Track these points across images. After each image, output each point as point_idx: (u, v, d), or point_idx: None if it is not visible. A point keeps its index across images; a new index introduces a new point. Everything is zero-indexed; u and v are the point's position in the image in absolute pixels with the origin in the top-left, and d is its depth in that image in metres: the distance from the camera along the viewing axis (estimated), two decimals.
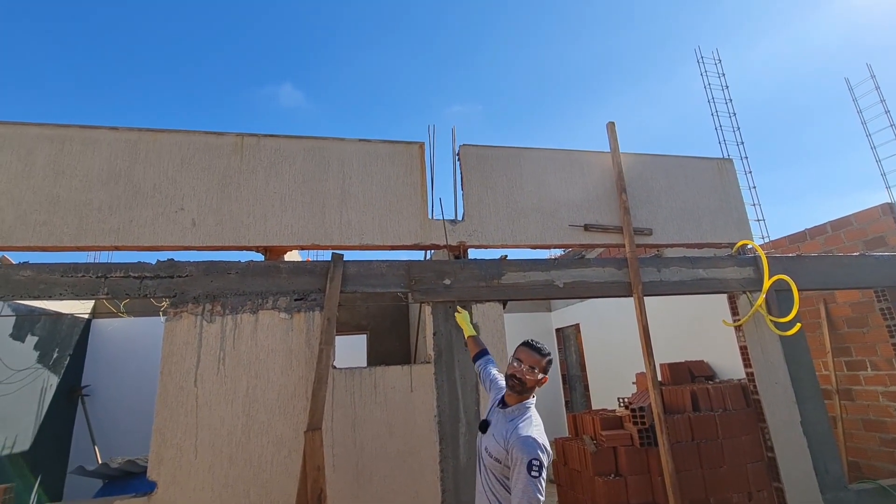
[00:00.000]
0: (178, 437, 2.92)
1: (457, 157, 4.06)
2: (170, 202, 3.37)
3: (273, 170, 3.60)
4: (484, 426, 2.09)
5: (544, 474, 1.83)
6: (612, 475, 3.78)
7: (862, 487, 3.95)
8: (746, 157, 5.05)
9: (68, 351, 5.84)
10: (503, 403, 2.09)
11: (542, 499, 1.79)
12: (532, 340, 2.12)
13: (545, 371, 2.05)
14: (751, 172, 4.96)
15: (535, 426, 1.93)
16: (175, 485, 2.85)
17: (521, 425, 1.93)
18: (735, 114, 5.26)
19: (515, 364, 2.06)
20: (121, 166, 3.38)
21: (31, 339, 5.17)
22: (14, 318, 4.92)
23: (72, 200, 3.22)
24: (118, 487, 3.81)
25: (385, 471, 3.13)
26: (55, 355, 5.57)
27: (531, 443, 1.83)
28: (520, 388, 2.01)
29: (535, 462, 1.78)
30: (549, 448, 1.92)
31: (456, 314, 3.21)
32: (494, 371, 2.55)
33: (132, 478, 3.97)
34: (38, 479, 4.58)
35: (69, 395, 5.82)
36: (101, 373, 6.14)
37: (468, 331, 3.05)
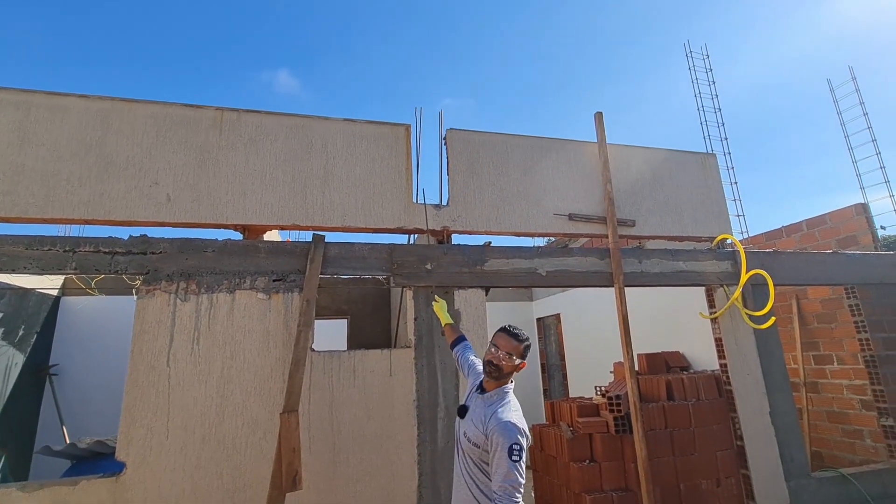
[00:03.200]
0: (149, 418, 2.84)
1: (443, 142, 4.00)
2: (144, 176, 3.24)
3: (253, 147, 3.49)
4: (462, 411, 2.08)
5: (524, 457, 1.84)
6: (588, 461, 3.84)
7: (824, 475, 4.11)
8: (730, 153, 5.11)
9: (35, 329, 5.63)
10: (481, 389, 2.08)
11: (524, 482, 1.80)
12: (509, 326, 2.10)
13: (523, 357, 2.04)
14: (733, 168, 5.02)
15: (513, 411, 1.94)
16: (145, 466, 2.79)
17: (499, 410, 1.93)
18: (720, 109, 5.31)
19: (493, 350, 2.04)
20: (92, 137, 3.22)
21: None
22: None
23: (38, 170, 3.07)
24: (86, 468, 3.71)
25: (362, 453, 3.11)
26: (21, 333, 5.37)
27: (511, 427, 1.83)
28: (497, 374, 2.00)
29: (515, 446, 1.80)
30: (528, 432, 1.93)
31: (434, 303, 3.10)
32: (472, 357, 2.53)
33: (101, 458, 3.87)
34: (3, 459, 4.44)
35: (36, 374, 5.63)
36: (70, 352, 5.95)
37: (445, 319, 2.97)
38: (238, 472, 2.89)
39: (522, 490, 1.79)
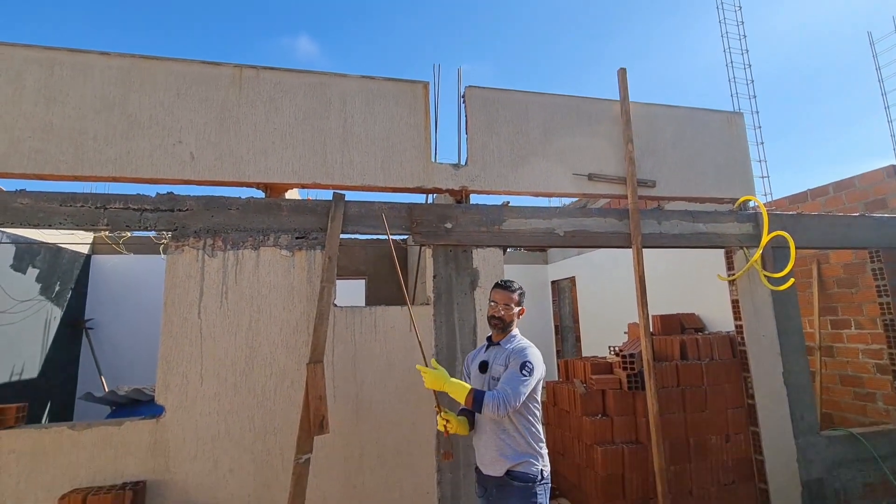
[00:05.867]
0: (184, 366, 3.01)
1: (462, 100, 3.94)
2: (167, 134, 3.28)
3: (273, 105, 3.49)
4: (484, 366, 2.26)
5: (532, 382, 2.07)
6: (600, 415, 3.97)
7: (833, 434, 4.19)
8: (757, 112, 4.93)
9: (70, 285, 5.89)
10: (492, 343, 2.33)
11: (522, 397, 2.02)
12: (501, 280, 2.35)
13: (520, 304, 2.30)
14: (760, 127, 4.87)
15: (529, 346, 2.23)
16: (182, 409, 2.98)
17: (515, 345, 2.24)
18: (750, 65, 5.08)
19: (493, 305, 2.29)
20: (115, 95, 3.26)
21: (32, 272, 5.20)
22: (14, 249, 4.92)
23: (66, 128, 3.13)
24: (126, 413, 3.98)
25: (385, 403, 3.27)
26: (57, 288, 5.63)
27: (525, 353, 2.17)
28: (501, 325, 2.27)
29: (527, 364, 2.11)
30: (542, 364, 2.20)
31: (432, 370, 2.20)
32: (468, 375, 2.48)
33: (139, 405, 4.13)
34: (48, 404, 4.77)
35: (73, 328, 5.94)
36: (103, 307, 6.24)
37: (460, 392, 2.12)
38: (268, 417, 3.07)
39: (514, 404, 2.01)
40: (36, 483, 2.71)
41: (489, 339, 2.37)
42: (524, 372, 2.09)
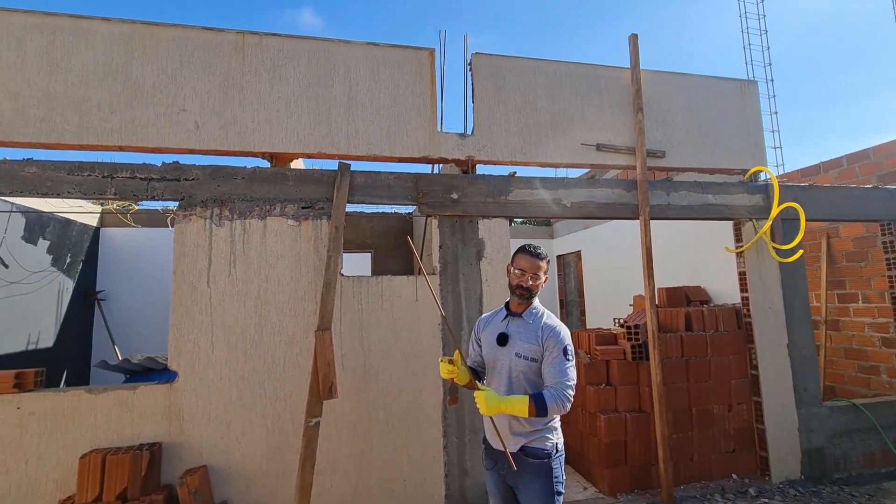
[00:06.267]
0: (195, 333, 3.07)
1: (468, 68, 3.86)
2: (172, 102, 3.25)
3: (277, 72, 3.44)
4: (504, 339, 2.08)
5: (574, 363, 2.02)
6: (604, 385, 4.02)
7: (835, 404, 4.23)
8: (772, 80, 4.79)
9: (80, 257, 5.97)
10: (512, 313, 2.13)
11: (575, 382, 1.99)
12: (529, 246, 2.12)
13: (546, 272, 2.13)
14: (774, 97, 4.73)
15: (560, 325, 2.07)
16: (195, 375, 3.05)
17: (547, 321, 2.08)
18: (766, 31, 4.91)
19: (518, 273, 2.08)
20: (117, 62, 3.22)
21: (43, 243, 5.27)
22: (24, 220, 4.97)
23: (70, 96, 3.11)
24: (140, 380, 4.07)
25: (391, 371, 3.32)
26: (68, 260, 5.71)
27: (563, 333, 2.02)
28: (528, 295, 2.08)
29: (569, 348, 2.01)
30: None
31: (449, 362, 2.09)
32: (476, 346, 2.28)
33: (152, 373, 4.22)
34: (65, 372, 4.90)
35: (85, 299, 6.05)
36: (113, 279, 6.33)
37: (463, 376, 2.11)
38: (278, 382, 3.14)
39: (573, 394, 1.95)
40: (57, 443, 2.81)
41: (508, 307, 2.17)
42: (568, 357, 1.98)
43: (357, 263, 6.86)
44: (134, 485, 2.66)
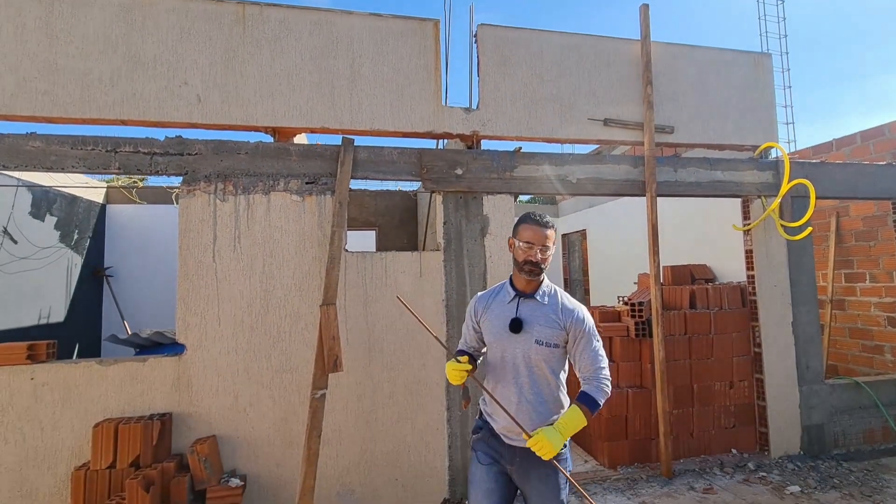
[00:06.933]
0: (202, 307, 3.11)
1: (473, 39, 3.77)
2: (173, 75, 3.21)
3: (278, 45, 3.38)
4: (518, 325, 1.82)
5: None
6: None
7: (837, 382, 4.25)
8: (787, 53, 4.64)
9: (87, 234, 6.03)
10: (521, 294, 1.88)
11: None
12: (533, 214, 1.86)
13: (555, 243, 1.86)
14: (789, 70, 4.60)
15: (580, 306, 1.90)
16: (202, 348, 3.10)
17: (565, 302, 1.88)
18: (783, 0, 4.74)
19: (525, 247, 1.82)
20: (117, 34, 3.17)
21: (50, 220, 5.31)
22: (31, 196, 5.00)
23: (71, 69, 3.08)
24: (150, 353, 4.16)
25: (395, 345, 3.36)
26: (75, 236, 5.76)
27: (587, 318, 1.85)
28: (538, 271, 1.83)
29: (594, 329, 1.86)
30: None
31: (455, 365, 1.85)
32: (470, 330, 2.04)
33: (161, 347, 4.31)
34: (76, 346, 5.01)
35: (94, 275, 6.13)
36: (120, 256, 6.40)
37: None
38: (284, 356, 3.19)
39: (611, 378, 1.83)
40: (70, 412, 2.89)
41: (514, 287, 1.91)
42: (597, 338, 1.83)
43: (361, 241, 6.88)
44: (146, 452, 2.75)
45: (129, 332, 5.40)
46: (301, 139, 4.02)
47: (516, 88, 3.75)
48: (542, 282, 1.89)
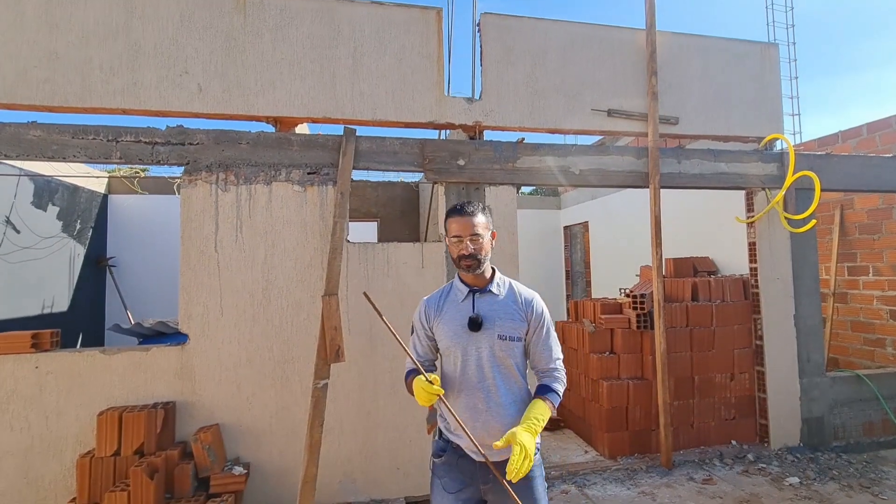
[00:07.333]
0: (204, 297, 3.12)
1: (477, 28, 3.73)
2: (173, 64, 3.19)
3: (280, 33, 3.35)
4: (477, 323, 1.66)
5: None
6: (607, 353, 4.06)
7: (838, 375, 4.25)
8: (794, 43, 4.57)
9: (90, 224, 6.03)
10: (474, 289, 1.73)
11: None
12: (457, 205, 1.72)
13: (489, 228, 1.72)
14: (796, 61, 4.53)
15: (536, 295, 1.78)
16: (205, 338, 3.11)
17: (522, 292, 1.76)
18: None
19: (454, 241, 1.68)
20: (117, 21, 3.14)
21: (53, 209, 5.32)
22: (33, 186, 5.00)
23: (71, 57, 3.06)
24: (153, 342, 4.17)
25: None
26: (78, 226, 5.77)
27: (543, 308, 1.76)
28: (478, 264, 1.67)
29: (550, 319, 1.77)
30: None
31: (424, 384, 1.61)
32: (417, 341, 1.87)
33: (164, 337, 4.32)
34: (80, 336, 5.04)
35: (97, 265, 6.15)
36: (123, 246, 6.42)
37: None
38: (287, 346, 3.21)
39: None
40: (75, 401, 2.92)
41: (465, 283, 1.75)
42: (553, 331, 1.75)
43: (363, 232, 6.87)
44: (150, 440, 2.77)
45: (132, 322, 5.43)
46: (303, 129, 4.00)
47: (519, 78, 3.71)
48: (493, 273, 1.77)
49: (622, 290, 4.67)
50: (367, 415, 3.31)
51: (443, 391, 1.58)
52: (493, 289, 1.73)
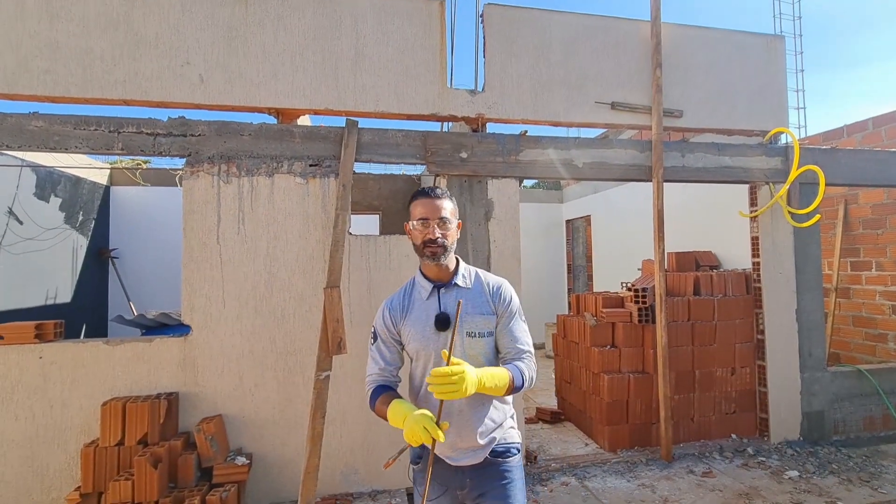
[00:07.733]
0: (206, 288, 3.12)
1: (480, 19, 3.70)
2: (175, 55, 3.17)
3: (281, 23, 3.32)
4: (445, 321, 1.53)
5: None
6: (609, 346, 4.07)
7: (839, 369, 4.25)
8: (801, 35, 4.53)
9: (92, 215, 6.04)
10: (438, 284, 1.60)
11: None
12: (423, 188, 1.61)
13: (456, 215, 1.60)
14: (802, 53, 4.49)
15: (504, 281, 1.67)
16: (207, 329, 3.12)
17: (489, 280, 1.64)
18: None
19: (419, 225, 1.54)
20: (118, 11, 3.12)
21: (55, 201, 5.32)
22: (35, 177, 5.00)
23: (72, 47, 3.04)
24: (156, 333, 4.18)
25: None
26: (80, 218, 5.78)
27: (513, 294, 1.63)
28: (444, 253, 1.54)
29: (519, 305, 1.64)
30: None
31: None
32: (378, 356, 1.71)
33: (167, 328, 4.33)
34: (84, 327, 5.06)
35: (99, 256, 6.16)
36: (125, 238, 6.43)
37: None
38: (289, 338, 3.22)
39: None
40: (79, 391, 2.93)
41: (428, 278, 1.62)
42: (523, 320, 1.62)
43: (365, 225, 6.86)
44: (153, 430, 2.79)
45: (135, 313, 5.44)
46: (304, 121, 3.98)
47: (523, 70, 3.69)
48: (458, 263, 1.63)
49: (624, 284, 4.66)
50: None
51: (444, 439, 1.35)
52: (459, 281, 1.59)
